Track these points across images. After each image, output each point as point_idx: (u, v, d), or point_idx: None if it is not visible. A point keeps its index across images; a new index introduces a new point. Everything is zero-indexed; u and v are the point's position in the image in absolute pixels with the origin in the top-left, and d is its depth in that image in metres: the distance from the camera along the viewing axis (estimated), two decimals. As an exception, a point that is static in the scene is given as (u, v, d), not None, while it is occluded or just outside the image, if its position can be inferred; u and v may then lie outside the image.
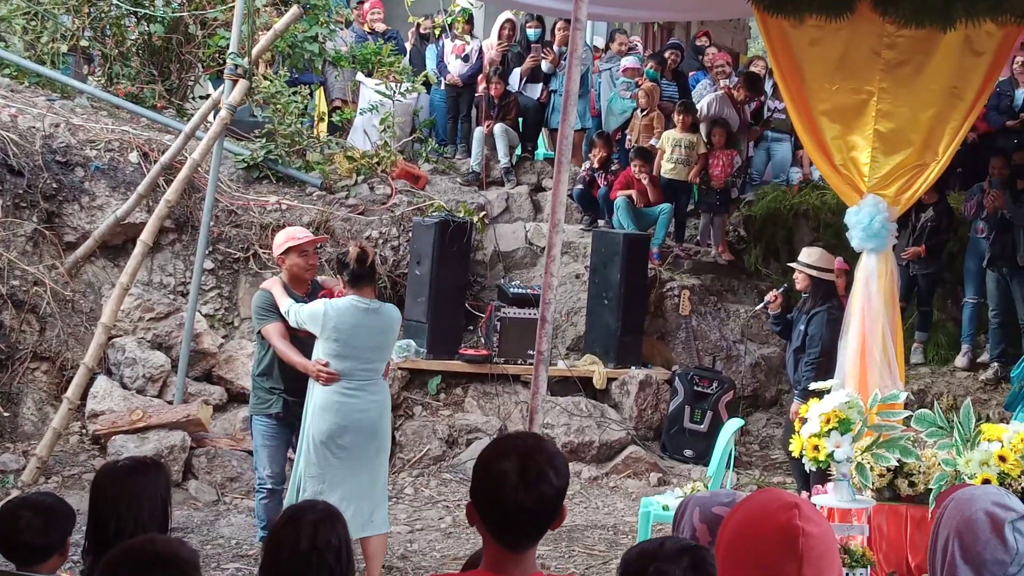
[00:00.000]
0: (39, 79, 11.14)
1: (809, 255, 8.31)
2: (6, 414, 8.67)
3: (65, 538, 3.77)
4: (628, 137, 12.08)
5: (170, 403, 8.84)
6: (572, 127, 5.39)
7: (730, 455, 7.16)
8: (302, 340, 6.46)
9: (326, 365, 6.23)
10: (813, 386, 7.55)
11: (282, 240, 6.67)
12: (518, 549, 2.82)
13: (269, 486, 6.61)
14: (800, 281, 8.27)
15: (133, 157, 10.01)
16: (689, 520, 3.28)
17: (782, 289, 8.66)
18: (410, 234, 10.51)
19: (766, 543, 2.37)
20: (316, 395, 6.28)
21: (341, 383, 6.24)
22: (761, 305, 9.16)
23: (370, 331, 6.28)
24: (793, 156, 12.53)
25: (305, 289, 6.65)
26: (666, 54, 12.99)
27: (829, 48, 7.44)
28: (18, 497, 3.97)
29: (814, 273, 8.04)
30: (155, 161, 9.75)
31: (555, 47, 12.49)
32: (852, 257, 7.96)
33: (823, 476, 6.64)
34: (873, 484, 6.22)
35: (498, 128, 12.14)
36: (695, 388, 9.86)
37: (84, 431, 8.71)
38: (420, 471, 9.20)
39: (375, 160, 11.28)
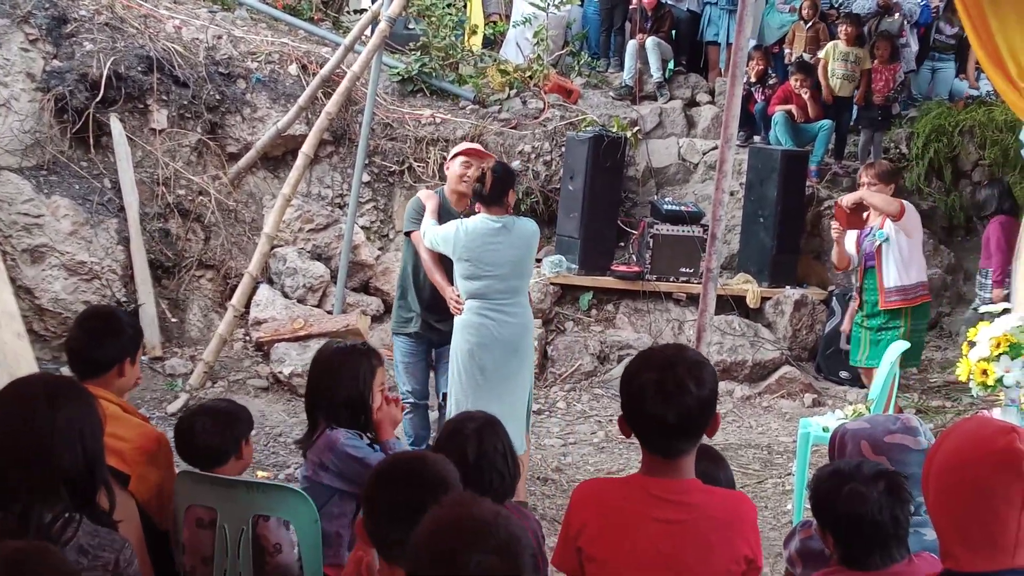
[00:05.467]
0: (200, -9, 11.32)
1: None
2: (174, 320, 8.98)
3: (239, 442, 3.89)
4: (787, 51, 11.77)
5: (329, 313, 9.02)
6: (747, 39, 5.25)
7: (894, 379, 6.99)
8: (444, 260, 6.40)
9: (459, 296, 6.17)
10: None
11: (458, 149, 6.65)
12: (671, 456, 2.89)
13: (412, 400, 6.64)
14: None
15: (292, 69, 10.13)
16: (857, 453, 3.22)
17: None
18: (563, 149, 10.45)
19: (986, 467, 2.31)
20: (458, 317, 6.18)
21: (479, 303, 6.09)
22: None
23: (501, 247, 6.06)
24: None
25: (464, 207, 6.60)
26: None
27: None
28: (196, 405, 4.12)
29: None
30: (314, 73, 9.85)
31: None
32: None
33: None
34: (1044, 410, 6.02)
35: (650, 41, 11.91)
36: (853, 309, 9.65)
37: (247, 338, 8.96)
38: (572, 386, 9.25)
39: (528, 74, 11.21)
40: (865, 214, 7.59)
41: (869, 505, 2.83)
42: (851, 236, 7.66)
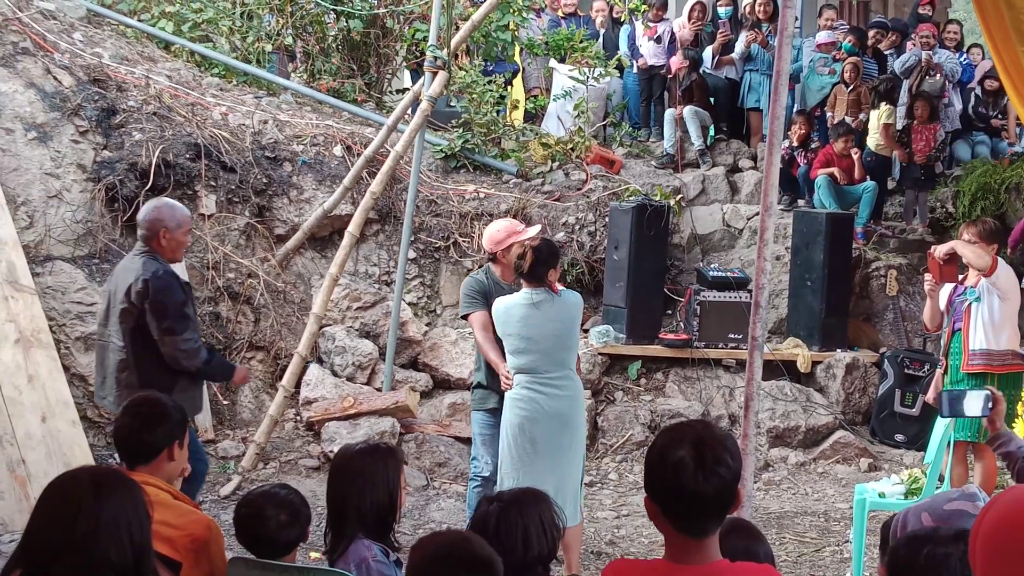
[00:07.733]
0: (246, 78, 11.53)
1: None
2: (225, 402, 9.04)
3: (306, 528, 3.93)
4: (828, 114, 11.78)
5: (379, 390, 9.05)
6: (783, 107, 5.27)
7: (949, 442, 6.89)
8: None
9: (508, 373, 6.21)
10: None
11: (503, 236, 6.60)
12: (700, 536, 2.82)
13: (484, 474, 6.66)
14: None
15: (337, 151, 10.28)
16: (918, 524, 3.16)
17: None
18: (606, 219, 10.48)
19: None
20: (508, 392, 6.23)
21: (527, 377, 6.13)
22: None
23: (543, 322, 6.08)
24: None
25: (514, 279, 6.65)
26: (870, 32, 12.60)
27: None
28: (258, 492, 4.05)
29: None
30: (358, 154, 9.98)
31: (763, 26, 12.26)
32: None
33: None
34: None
35: (688, 110, 11.96)
36: (906, 371, 9.54)
37: (298, 418, 9.01)
38: (623, 456, 9.19)
39: (569, 146, 11.29)
40: (961, 276, 7.35)
41: (951, 568, 2.74)
42: (943, 294, 7.37)
